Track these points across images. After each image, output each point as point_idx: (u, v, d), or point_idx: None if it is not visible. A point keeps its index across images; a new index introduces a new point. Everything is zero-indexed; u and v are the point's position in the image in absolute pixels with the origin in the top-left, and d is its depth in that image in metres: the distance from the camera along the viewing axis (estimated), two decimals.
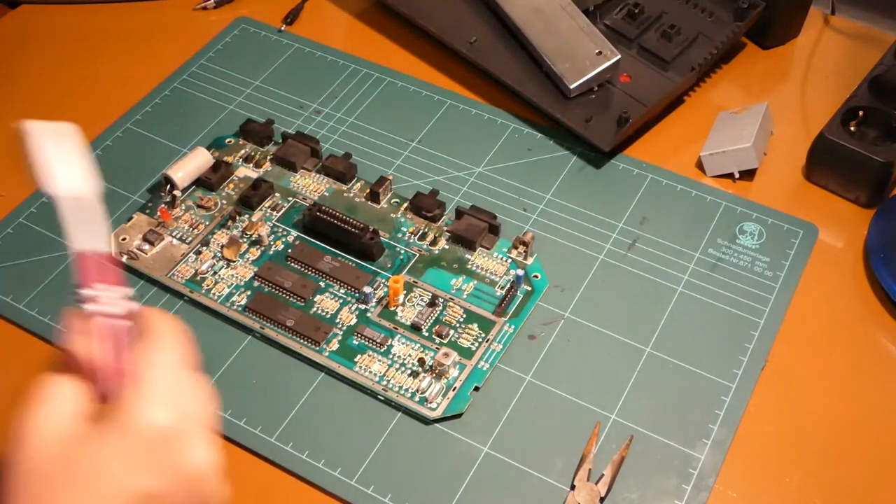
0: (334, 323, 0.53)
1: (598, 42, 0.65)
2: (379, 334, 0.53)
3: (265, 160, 0.62)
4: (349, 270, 0.56)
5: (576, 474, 0.47)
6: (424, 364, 0.51)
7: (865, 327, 0.54)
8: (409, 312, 0.54)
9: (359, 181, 0.61)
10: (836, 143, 0.59)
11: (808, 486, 0.48)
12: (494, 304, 0.54)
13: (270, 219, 0.59)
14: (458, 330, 0.53)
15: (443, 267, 0.56)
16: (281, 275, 0.55)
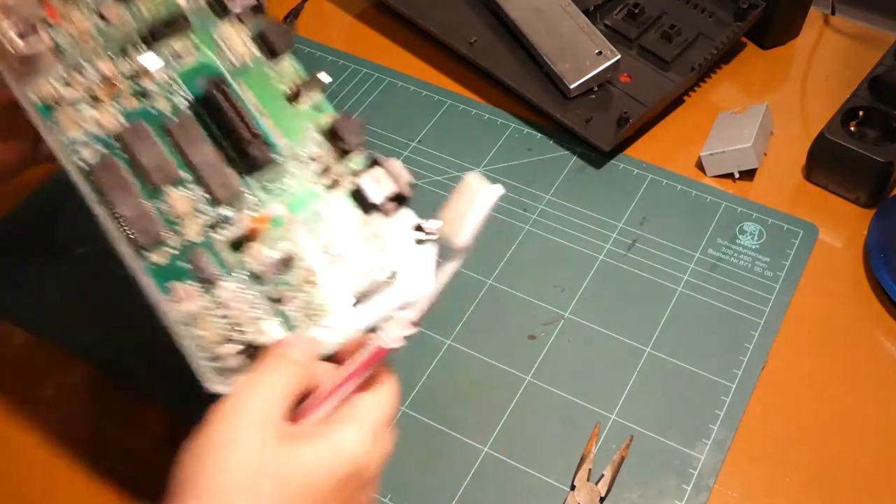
0: (174, 229, 0.42)
1: (598, 42, 0.65)
2: (211, 267, 0.42)
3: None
4: (218, 174, 0.44)
5: (576, 474, 0.47)
6: (234, 328, 0.42)
7: (865, 327, 0.54)
8: (260, 253, 0.43)
9: (291, 65, 0.47)
10: (836, 143, 0.59)
11: (808, 486, 0.48)
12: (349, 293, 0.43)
13: (174, 69, 0.45)
14: (298, 300, 0.43)
15: (320, 205, 0.44)
16: (145, 144, 0.43)
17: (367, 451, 0.36)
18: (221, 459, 0.33)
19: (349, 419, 0.36)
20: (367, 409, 0.37)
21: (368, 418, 0.37)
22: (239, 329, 0.41)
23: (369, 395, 0.37)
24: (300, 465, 0.34)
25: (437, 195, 0.61)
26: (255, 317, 0.42)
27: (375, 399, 0.37)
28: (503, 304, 0.55)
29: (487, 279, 0.57)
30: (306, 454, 0.34)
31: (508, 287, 0.56)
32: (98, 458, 0.49)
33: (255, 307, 0.42)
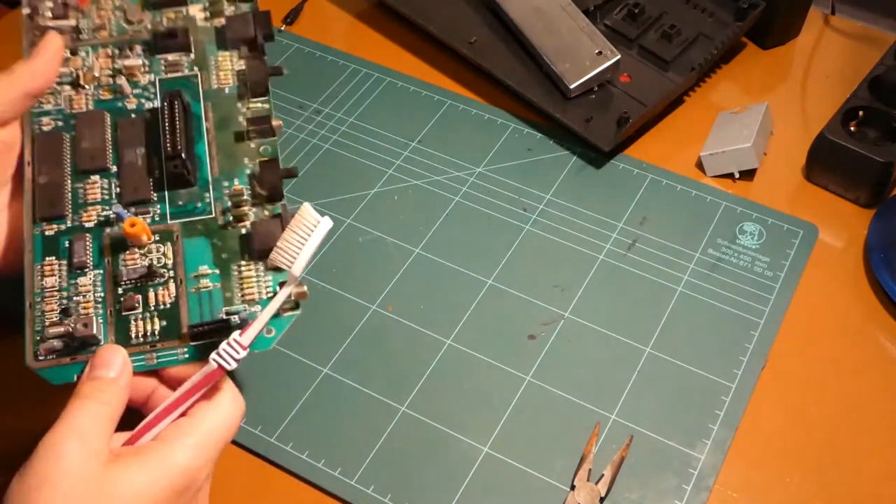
0: (75, 211, 0.46)
1: (598, 42, 0.65)
2: (84, 254, 0.45)
3: (222, 12, 0.52)
4: (136, 176, 0.47)
5: (576, 474, 0.47)
6: (68, 313, 0.44)
7: (865, 327, 0.54)
8: (134, 259, 0.45)
9: (262, 105, 0.49)
10: (836, 143, 0.59)
11: (809, 486, 0.48)
12: (195, 322, 0.44)
13: (158, 73, 0.50)
14: (144, 316, 0.44)
15: (215, 246, 0.46)
16: (93, 131, 0.47)
17: (198, 467, 0.36)
18: (49, 492, 0.33)
19: (183, 433, 0.37)
20: (204, 423, 0.37)
21: (204, 432, 0.37)
22: (71, 317, 0.44)
23: (210, 410, 0.38)
24: (131, 485, 0.34)
25: (437, 195, 0.61)
26: (90, 313, 0.44)
27: (216, 414, 0.38)
28: (503, 304, 0.56)
29: (487, 279, 0.57)
30: (137, 474, 0.35)
31: (508, 287, 0.56)
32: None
33: (97, 304, 0.44)
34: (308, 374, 0.52)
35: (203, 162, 0.48)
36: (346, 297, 0.56)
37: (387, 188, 0.62)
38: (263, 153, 0.48)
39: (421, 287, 0.56)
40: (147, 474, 0.35)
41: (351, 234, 0.59)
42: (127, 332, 0.44)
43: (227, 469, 0.49)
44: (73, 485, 0.33)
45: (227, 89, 0.49)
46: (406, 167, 0.63)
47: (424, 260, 0.58)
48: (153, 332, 0.44)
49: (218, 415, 0.38)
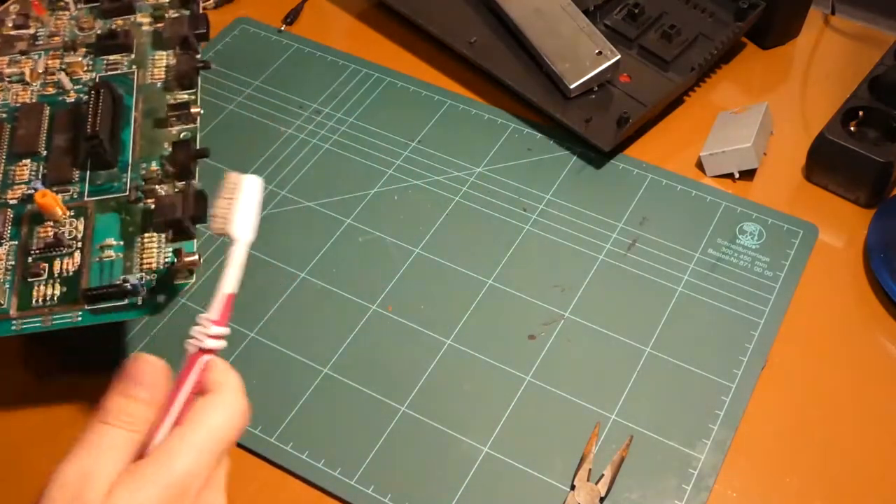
0: (2, 190, 0.50)
1: (598, 42, 0.65)
2: (2, 227, 0.48)
3: (163, 17, 0.58)
4: (61, 158, 0.51)
5: (576, 474, 0.47)
6: None
7: (865, 327, 0.54)
8: (46, 231, 0.48)
9: (188, 92, 0.54)
10: (836, 143, 0.59)
11: (808, 486, 0.48)
12: (90, 286, 0.47)
13: (100, 70, 0.56)
14: (48, 282, 0.47)
15: (124, 221, 0.49)
16: (30, 120, 0.53)
17: (197, 473, 0.33)
18: None
19: (181, 441, 0.33)
20: (203, 427, 0.34)
21: (203, 437, 0.33)
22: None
23: (209, 411, 0.34)
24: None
25: (437, 195, 0.61)
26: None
27: (215, 415, 0.34)
28: (503, 304, 0.55)
29: (487, 279, 0.57)
30: (136, 494, 0.32)
31: (508, 287, 0.56)
32: None
33: (6, 272, 0.47)
34: (308, 373, 0.52)
35: (126, 147, 0.52)
36: (346, 297, 0.56)
37: (387, 188, 0.62)
38: (182, 138, 0.52)
39: (421, 287, 0.56)
40: (146, 493, 0.32)
41: (351, 234, 0.59)
42: (29, 297, 0.47)
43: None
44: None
45: (158, 84, 0.55)
46: (406, 167, 0.63)
47: (424, 260, 0.58)
48: (52, 296, 0.47)
49: (217, 416, 0.35)
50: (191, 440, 0.33)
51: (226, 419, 0.34)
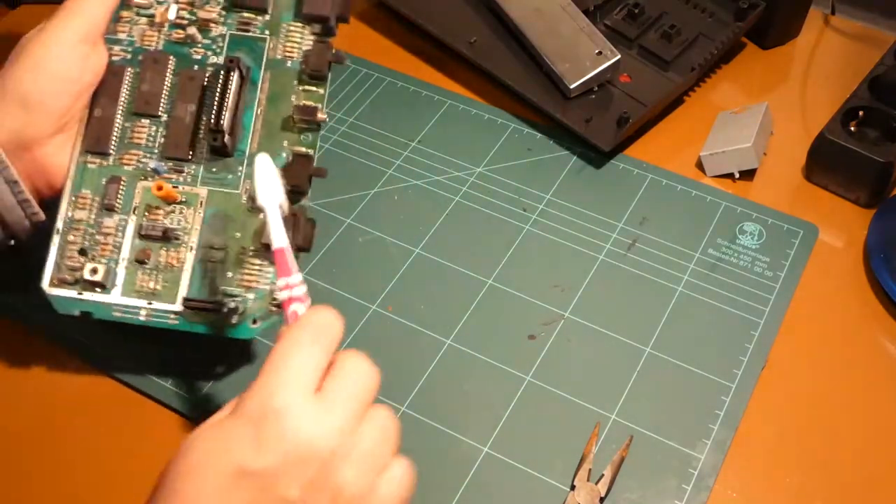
0: (118, 150, 0.49)
1: (598, 42, 0.65)
2: (115, 197, 0.48)
3: None
4: (181, 133, 0.49)
5: (576, 474, 0.47)
6: (85, 253, 0.47)
7: (865, 327, 0.54)
8: (157, 216, 0.48)
9: (318, 90, 0.50)
10: (836, 143, 0.59)
11: (809, 486, 0.48)
12: (199, 290, 0.47)
13: (231, 27, 0.50)
14: (151, 273, 0.47)
15: (231, 224, 0.48)
16: (154, 74, 0.49)
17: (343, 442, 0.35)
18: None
19: (263, 377, 0.35)
20: (279, 364, 0.36)
21: (280, 368, 0.35)
22: (87, 256, 0.47)
23: (287, 337, 0.36)
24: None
25: (437, 195, 0.61)
26: (105, 257, 0.47)
27: (293, 342, 0.36)
28: (503, 304, 0.55)
29: (487, 279, 0.57)
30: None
31: (508, 287, 0.56)
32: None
33: (113, 251, 0.47)
34: None
35: (246, 133, 0.49)
36: (346, 297, 0.56)
37: (387, 188, 0.62)
38: (303, 142, 0.49)
39: (421, 287, 0.56)
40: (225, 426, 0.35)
41: (351, 234, 0.59)
42: (133, 282, 0.47)
43: None
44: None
45: (289, 62, 0.50)
46: (406, 167, 0.63)
47: (424, 260, 0.58)
48: (154, 289, 0.47)
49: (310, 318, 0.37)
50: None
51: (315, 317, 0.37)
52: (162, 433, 0.50)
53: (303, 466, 0.33)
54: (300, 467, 0.33)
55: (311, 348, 0.36)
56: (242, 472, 0.33)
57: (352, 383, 0.36)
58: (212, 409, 0.51)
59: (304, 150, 0.49)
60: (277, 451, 0.33)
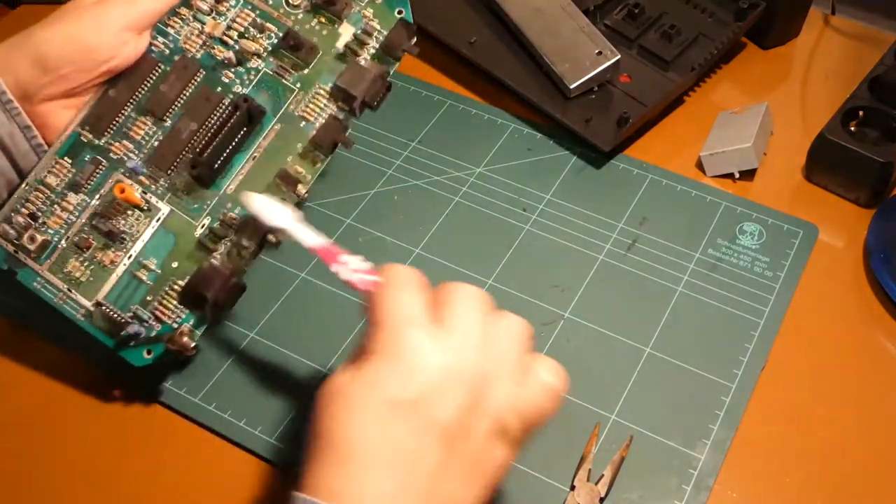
0: (113, 137, 0.49)
1: (598, 42, 0.65)
2: (88, 177, 0.49)
3: (358, 53, 0.51)
4: (173, 147, 0.49)
5: (576, 474, 0.47)
6: (35, 218, 0.48)
7: (865, 327, 0.54)
8: (116, 212, 0.49)
9: (311, 162, 0.50)
10: (836, 143, 0.59)
11: (809, 486, 0.48)
12: (105, 300, 0.48)
13: (268, 65, 0.51)
14: (84, 262, 0.48)
15: (175, 250, 0.48)
16: (177, 79, 0.50)
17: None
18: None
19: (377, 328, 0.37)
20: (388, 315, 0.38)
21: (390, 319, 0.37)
22: (36, 222, 0.48)
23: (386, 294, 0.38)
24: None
25: (437, 195, 0.61)
26: (52, 230, 0.48)
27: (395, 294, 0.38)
28: (503, 304, 0.55)
29: (487, 279, 0.57)
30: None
31: (508, 287, 0.56)
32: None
33: (65, 224, 0.48)
34: (310, 374, 0.52)
35: (230, 173, 0.49)
36: (346, 298, 0.56)
37: (387, 188, 0.62)
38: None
39: None
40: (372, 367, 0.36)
41: (351, 234, 0.59)
42: (64, 264, 0.49)
43: (226, 469, 0.49)
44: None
45: (302, 123, 0.50)
46: (406, 167, 0.63)
47: (424, 260, 0.58)
48: (78, 279, 0.48)
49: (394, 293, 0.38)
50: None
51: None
52: (162, 433, 0.50)
53: (450, 388, 0.35)
54: (447, 389, 0.35)
55: (409, 289, 0.38)
56: (396, 404, 0.35)
57: (461, 305, 0.38)
58: (212, 409, 0.51)
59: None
60: (422, 380, 0.35)
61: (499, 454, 0.37)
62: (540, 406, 0.38)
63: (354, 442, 0.34)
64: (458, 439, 0.35)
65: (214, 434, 0.50)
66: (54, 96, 0.48)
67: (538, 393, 0.38)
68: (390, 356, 0.36)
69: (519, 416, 0.37)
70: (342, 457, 0.34)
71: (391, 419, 0.35)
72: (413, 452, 0.34)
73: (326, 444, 0.35)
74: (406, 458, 0.34)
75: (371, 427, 0.34)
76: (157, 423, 0.51)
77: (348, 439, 0.34)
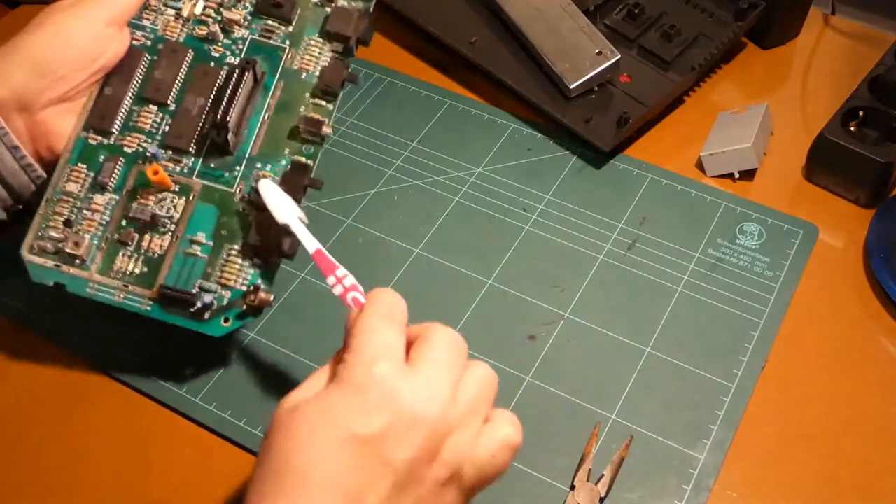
0: (121, 132, 0.50)
1: (598, 42, 0.65)
2: (110, 175, 0.49)
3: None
4: (187, 125, 0.49)
5: (575, 474, 0.47)
6: (70, 225, 0.48)
7: (865, 327, 0.54)
8: (148, 201, 0.49)
9: (329, 107, 0.50)
10: (836, 143, 0.59)
11: (808, 487, 0.48)
12: (167, 284, 0.47)
13: (253, 31, 0.51)
14: (132, 255, 0.48)
15: (220, 221, 0.49)
16: (170, 64, 0.50)
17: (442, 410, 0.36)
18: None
19: (352, 353, 0.37)
20: (364, 339, 0.37)
21: (365, 343, 0.37)
22: (72, 228, 0.48)
23: (364, 315, 0.38)
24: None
25: (437, 195, 0.61)
26: (86, 235, 0.48)
27: (370, 318, 0.38)
28: (503, 304, 0.55)
29: (487, 279, 0.57)
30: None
31: (508, 287, 0.56)
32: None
33: (98, 227, 0.48)
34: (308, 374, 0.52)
35: (250, 136, 0.50)
36: None
37: (387, 188, 0.62)
38: (305, 152, 0.50)
39: (421, 287, 0.56)
40: (331, 395, 0.36)
41: (351, 234, 0.59)
42: (111, 263, 0.48)
43: (226, 468, 0.49)
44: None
45: (304, 75, 0.51)
46: (406, 167, 0.63)
47: (424, 260, 0.58)
48: (132, 273, 0.48)
49: (370, 316, 0.38)
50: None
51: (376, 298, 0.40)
52: (163, 433, 0.50)
53: (411, 431, 0.35)
54: (409, 431, 0.35)
55: (391, 324, 0.38)
56: (354, 437, 0.34)
57: (437, 351, 0.37)
58: (212, 409, 0.51)
59: (303, 160, 0.49)
60: (385, 416, 0.35)
61: (449, 499, 0.36)
62: (497, 459, 0.37)
63: (309, 468, 0.34)
64: (411, 483, 0.35)
65: (214, 434, 0.50)
66: (54, 101, 0.48)
67: (496, 447, 0.37)
68: (358, 387, 0.35)
69: (475, 467, 0.37)
70: (293, 482, 0.34)
71: (346, 454, 0.34)
72: (362, 488, 0.34)
73: (281, 467, 0.34)
74: (354, 492, 0.34)
75: (324, 460, 0.34)
76: (157, 423, 0.51)
77: (302, 464, 0.34)
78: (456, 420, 0.36)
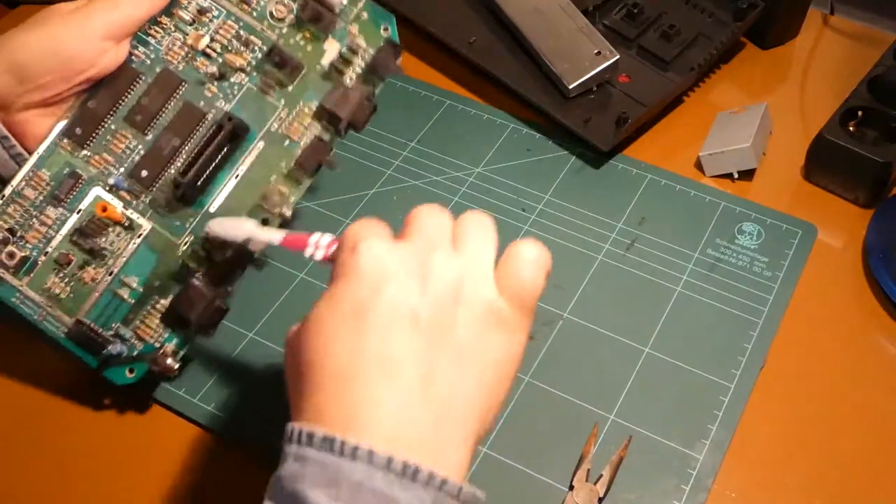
0: (94, 150, 0.48)
1: (597, 42, 0.65)
2: (68, 192, 0.48)
3: (343, 73, 0.50)
4: (156, 162, 0.48)
5: (574, 474, 0.47)
6: (14, 233, 0.47)
7: (865, 327, 0.54)
8: (97, 228, 0.48)
9: (295, 188, 0.49)
10: (836, 143, 0.59)
11: (808, 487, 0.48)
12: (87, 318, 0.47)
13: (253, 80, 0.49)
14: (64, 278, 0.47)
15: (157, 271, 0.48)
16: (159, 92, 0.48)
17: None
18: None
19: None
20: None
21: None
22: (16, 235, 0.47)
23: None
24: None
25: (437, 195, 0.61)
26: (31, 245, 0.47)
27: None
28: None
29: None
30: None
31: None
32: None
33: (43, 239, 0.47)
34: None
35: (213, 189, 0.49)
36: None
37: (386, 188, 0.62)
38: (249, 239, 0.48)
39: None
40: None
41: None
42: (42, 281, 0.47)
43: (226, 469, 0.49)
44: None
45: (286, 142, 0.49)
46: (405, 167, 0.63)
47: None
48: (58, 296, 0.47)
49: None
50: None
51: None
52: (161, 433, 0.51)
53: (408, 278, 0.35)
54: (406, 280, 0.35)
55: (374, 227, 0.37)
56: (357, 311, 0.34)
57: (425, 217, 0.38)
58: (211, 410, 0.51)
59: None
60: (375, 277, 0.35)
61: (495, 340, 0.35)
62: (525, 279, 0.36)
63: (337, 365, 0.33)
64: (436, 327, 0.34)
65: (214, 434, 0.50)
66: (32, 105, 0.47)
67: (521, 268, 0.36)
68: (348, 270, 0.35)
69: (507, 294, 0.36)
70: (331, 385, 0.33)
71: (359, 329, 0.34)
72: (390, 353, 0.33)
73: (304, 368, 0.34)
74: (387, 362, 0.33)
75: (343, 344, 0.34)
76: (156, 424, 0.51)
77: (331, 365, 0.34)
78: (461, 264, 0.36)
